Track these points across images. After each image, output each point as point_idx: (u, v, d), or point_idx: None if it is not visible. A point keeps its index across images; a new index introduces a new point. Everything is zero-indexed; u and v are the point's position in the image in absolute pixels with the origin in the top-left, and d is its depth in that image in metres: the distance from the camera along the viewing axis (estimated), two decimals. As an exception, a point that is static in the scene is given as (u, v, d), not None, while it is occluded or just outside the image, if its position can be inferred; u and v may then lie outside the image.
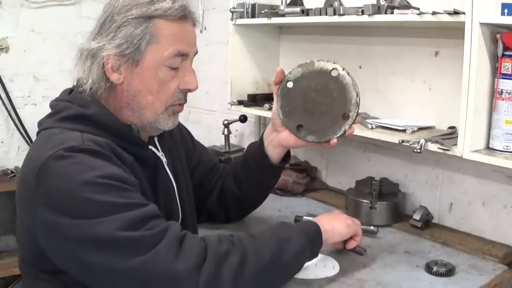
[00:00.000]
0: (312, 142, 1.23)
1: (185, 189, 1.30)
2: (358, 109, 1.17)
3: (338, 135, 1.19)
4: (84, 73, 1.08)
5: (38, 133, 1.08)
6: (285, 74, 1.22)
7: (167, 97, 1.09)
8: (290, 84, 1.20)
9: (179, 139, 1.37)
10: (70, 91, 1.14)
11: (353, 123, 1.18)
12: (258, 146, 1.33)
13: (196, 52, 1.15)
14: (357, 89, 1.16)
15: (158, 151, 1.21)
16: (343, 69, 1.17)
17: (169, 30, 1.06)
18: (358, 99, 1.16)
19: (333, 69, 1.17)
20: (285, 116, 1.22)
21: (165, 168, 1.22)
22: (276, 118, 1.25)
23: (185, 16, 1.08)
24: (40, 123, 1.09)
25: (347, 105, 1.16)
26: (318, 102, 1.19)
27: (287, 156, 1.35)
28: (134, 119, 1.10)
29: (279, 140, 1.28)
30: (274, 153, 1.30)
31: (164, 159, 1.22)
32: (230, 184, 1.40)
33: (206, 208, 1.45)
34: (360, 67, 1.81)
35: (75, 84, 1.13)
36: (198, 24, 1.15)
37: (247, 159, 1.36)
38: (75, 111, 1.05)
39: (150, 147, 1.17)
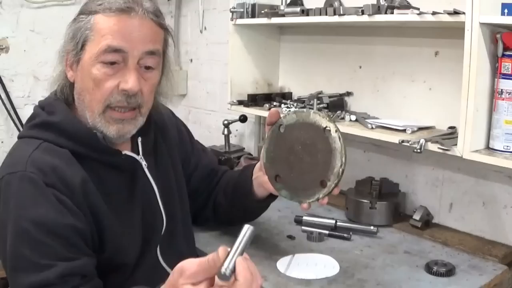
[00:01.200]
0: (284, 197, 1.14)
1: (177, 193, 1.25)
2: (339, 181, 1.05)
3: (310, 201, 1.08)
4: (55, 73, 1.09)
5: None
6: (280, 116, 1.13)
7: (102, 96, 1.01)
8: (282, 129, 1.12)
9: (176, 141, 1.32)
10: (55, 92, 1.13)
11: (329, 193, 1.06)
12: (246, 180, 1.28)
13: (152, 53, 1.04)
14: (343, 159, 1.05)
15: (138, 154, 1.15)
16: (336, 131, 1.06)
17: (103, 24, 0.99)
18: (341, 169, 1.05)
19: (326, 127, 1.06)
20: (267, 161, 1.15)
21: (145, 172, 1.16)
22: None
23: (127, 9, 0.99)
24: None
25: (328, 173, 1.05)
26: (301, 158, 1.08)
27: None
28: (86, 120, 1.06)
29: (261, 181, 1.20)
30: (258, 191, 1.25)
31: (144, 163, 1.15)
32: (221, 200, 1.37)
33: (203, 214, 1.42)
34: (360, 67, 1.81)
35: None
36: (157, 19, 1.04)
37: (236, 187, 1.32)
38: (42, 118, 1.06)
39: (125, 152, 1.11)
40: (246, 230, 0.77)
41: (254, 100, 1.96)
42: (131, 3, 1.00)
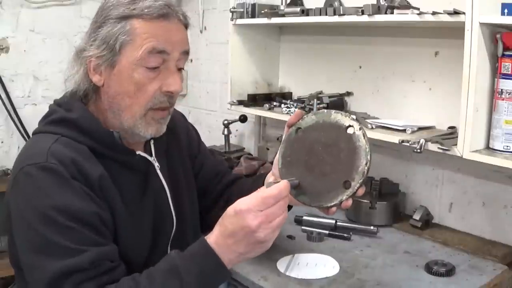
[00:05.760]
0: (303, 203, 1.04)
1: (187, 195, 1.25)
2: (364, 181, 0.98)
3: (332, 204, 0.98)
4: (71, 73, 1.09)
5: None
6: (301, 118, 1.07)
7: (145, 99, 1.04)
8: (299, 132, 1.05)
9: (186, 142, 1.32)
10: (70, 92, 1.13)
11: (354, 194, 0.97)
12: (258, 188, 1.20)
13: (187, 53, 1.09)
14: (368, 156, 0.98)
15: (151, 155, 1.16)
16: (360, 128, 0.99)
17: (144, 29, 1.02)
18: (366, 168, 0.98)
19: (349, 126, 1.00)
20: (284, 167, 1.06)
21: (157, 173, 1.17)
22: (276, 167, 1.10)
23: (165, 14, 1.03)
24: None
25: (352, 172, 0.98)
26: (322, 159, 1.01)
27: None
28: (116, 123, 1.08)
29: None
30: None
31: (156, 164, 1.16)
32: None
33: (211, 217, 1.39)
34: (360, 67, 1.82)
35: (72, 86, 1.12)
36: (187, 22, 1.10)
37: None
38: (60, 115, 1.07)
39: (138, 152, 1.12)
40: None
41: (254, 100, 1.97)
42: (168, 8, 1.04)
